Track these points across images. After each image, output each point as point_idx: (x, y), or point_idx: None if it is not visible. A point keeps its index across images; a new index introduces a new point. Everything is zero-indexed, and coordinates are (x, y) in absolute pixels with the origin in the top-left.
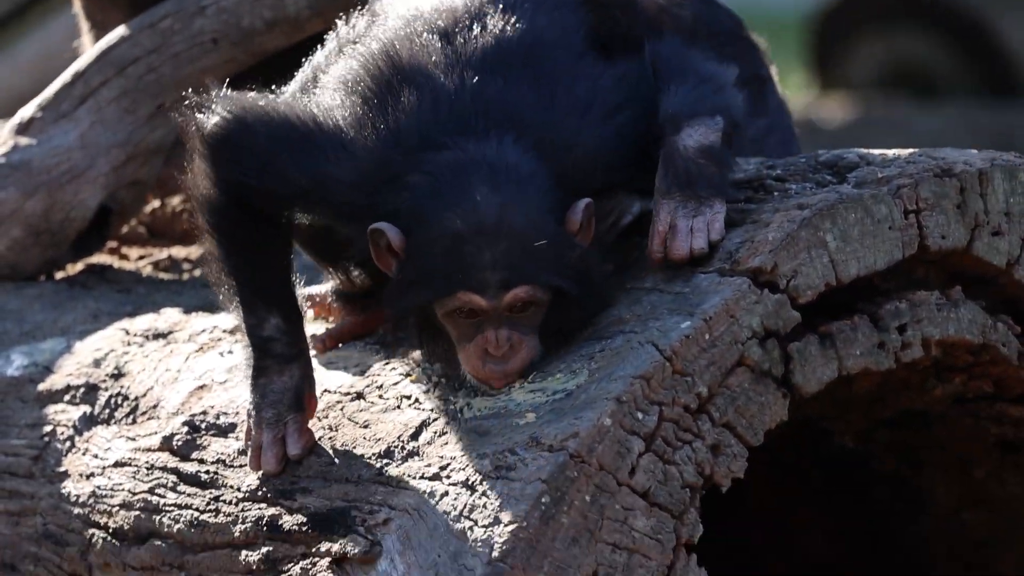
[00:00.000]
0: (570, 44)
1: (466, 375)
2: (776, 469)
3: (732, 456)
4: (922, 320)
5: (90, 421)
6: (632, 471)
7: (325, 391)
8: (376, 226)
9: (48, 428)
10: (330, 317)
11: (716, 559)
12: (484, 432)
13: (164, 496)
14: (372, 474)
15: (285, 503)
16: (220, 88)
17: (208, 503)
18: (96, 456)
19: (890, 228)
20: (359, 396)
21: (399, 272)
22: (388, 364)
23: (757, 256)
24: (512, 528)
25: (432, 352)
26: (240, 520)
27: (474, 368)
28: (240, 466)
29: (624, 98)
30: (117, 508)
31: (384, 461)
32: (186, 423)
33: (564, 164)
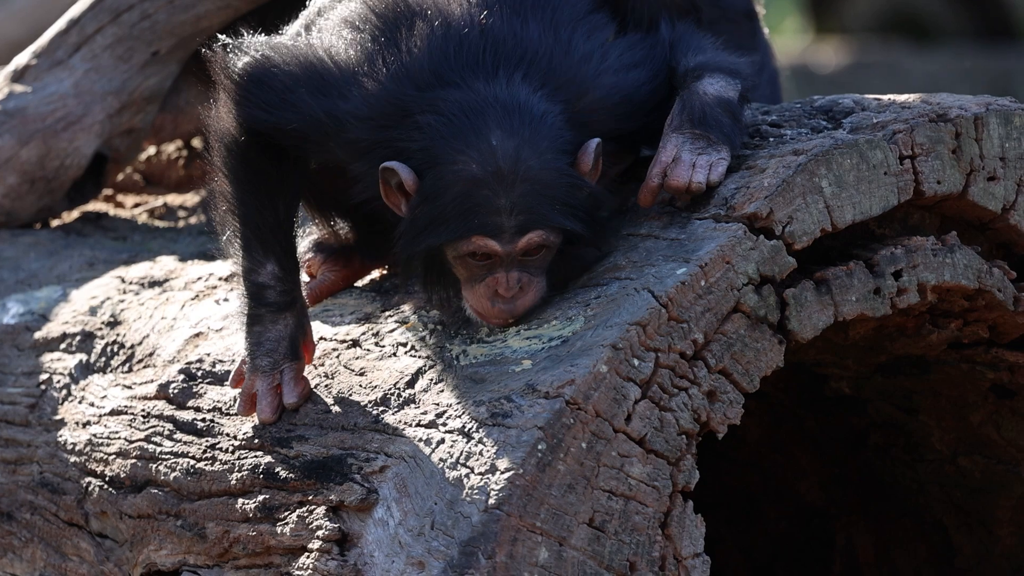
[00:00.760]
0: (587, 2)
1: (467, 311)
2: (772, 415)
3: (728, 403)
4: (918, 266)
5: (86, 369)
6: (628, 418)
7: (321, 338)
8: (388, 164)
9: (44, 376)
10: (310, 270)
11: (712, 506)
12: (480, 379)
13: (160, 444)
14: (368, 422)
15: (281, 451)
16: (250, 32)
17: (204, 451)
18: (92, 404)
19: (885, 173)
20: (355, 343)
21: (411, 213)
22: (384, 311)
23: (753, 202)
24: (508, 475)
25: (435, 294)
26: (236, 468)
27: (483, 308)
28: (237, 414)
29: (641, 57)
30: (113, 456)
31: (380, 409)
32: (182, 371)
33: (577, 106)
